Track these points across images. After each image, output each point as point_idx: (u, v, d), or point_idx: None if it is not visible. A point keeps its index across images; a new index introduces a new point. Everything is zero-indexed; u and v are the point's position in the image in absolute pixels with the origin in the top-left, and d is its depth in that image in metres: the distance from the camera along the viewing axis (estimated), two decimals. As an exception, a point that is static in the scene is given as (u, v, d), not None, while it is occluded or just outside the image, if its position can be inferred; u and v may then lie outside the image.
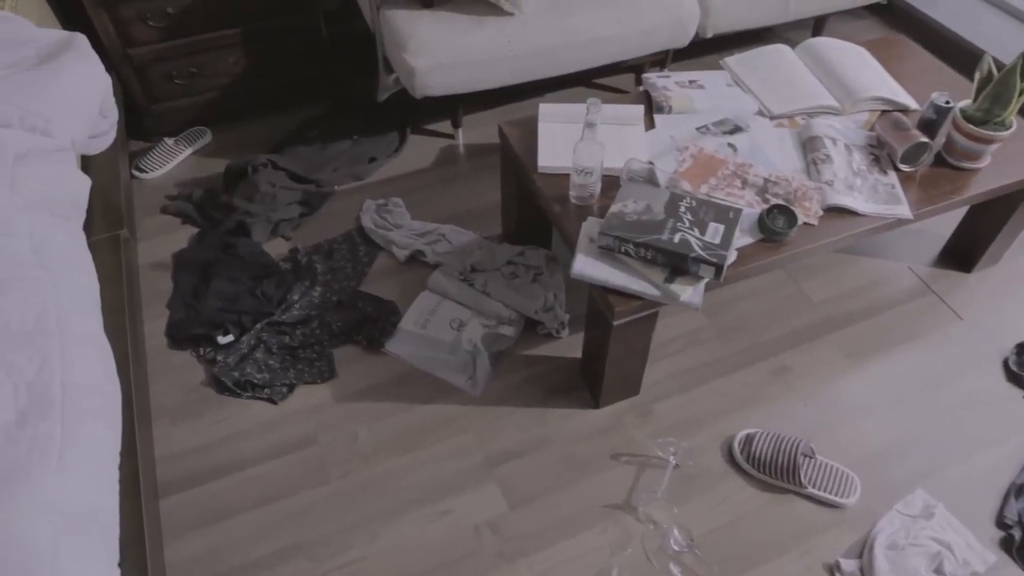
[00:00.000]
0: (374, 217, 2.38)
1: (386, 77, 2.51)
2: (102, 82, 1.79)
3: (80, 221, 1.58)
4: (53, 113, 1.60)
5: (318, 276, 2.21)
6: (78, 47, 1.74)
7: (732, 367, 2.05)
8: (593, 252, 1.68)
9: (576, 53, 2.36)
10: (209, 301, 2.13)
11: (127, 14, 2.40)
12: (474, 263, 2.20)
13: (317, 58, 2.73)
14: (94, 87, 1.74)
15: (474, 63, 2.25)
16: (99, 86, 1.77)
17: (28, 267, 1.35)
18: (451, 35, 2.23)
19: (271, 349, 2.03)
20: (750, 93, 2.14)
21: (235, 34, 2.56)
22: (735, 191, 1.85)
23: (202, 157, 2.67)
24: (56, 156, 1.59)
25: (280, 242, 2.36)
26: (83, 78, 1.70)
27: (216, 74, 2.64)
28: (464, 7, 2.31)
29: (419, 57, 2.20)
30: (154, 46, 2.50)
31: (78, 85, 1.68)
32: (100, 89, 1.77)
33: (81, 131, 1.69)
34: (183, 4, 2.43)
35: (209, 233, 2.35)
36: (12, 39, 1.74)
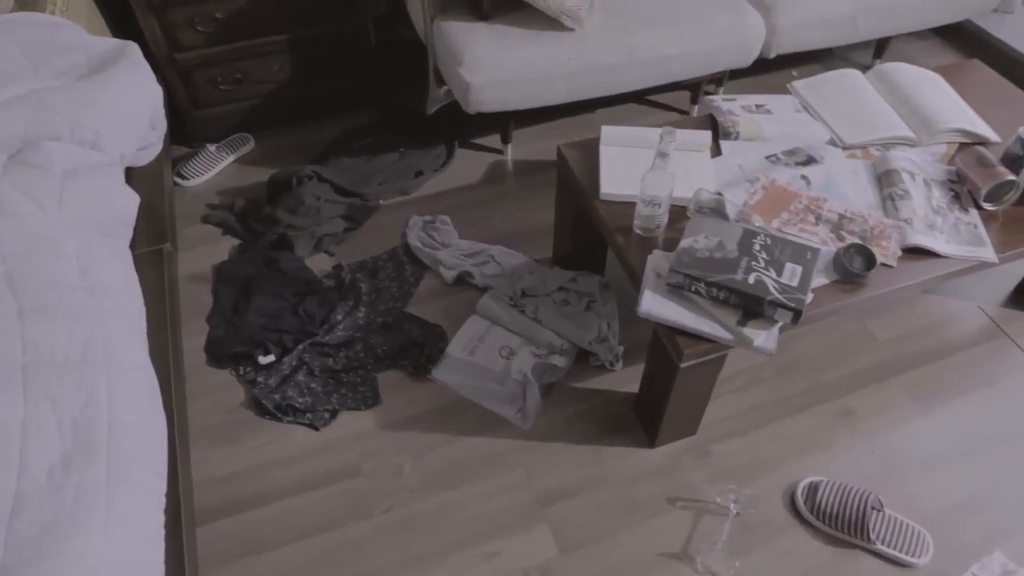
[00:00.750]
0: (420, 235, 2.30)
1: (436, 89, 2.43)
2: (153, 94, 1.72)
3: (127, 239, 1.52)
4: (103, 126, 1.54)
5: (362, 296, 2.14)
6: (130, 57, 1.67)
7: (793, 408, 1.95)
8: (661, 289, 1.59)
9: (637, 72, 2.27)
10: (250, 318, 2.06)
11: (176, 18, 2.34)
12: (525, 288, 2.11)
13: (364, 66, 2.66)
14: (145, 99, 1.67)
15: (531, 80, 2.17)
16: (150, 98, 1.70)
17: (75, 291, 1.28)
18: (508, 50, 2.14)
19: (313, 372, 1.96)
20: (820, 120, 2.04)
21: (282, 40, 2.50)
22: (808, 227, 1.75)
23: (244, 165, 2.61)
24: (105, 171, 1.52)
25: (323, 257, 2.28)
26: (135, 89, 1.63)
27: (261, 80, 2.58)
28: (521, 20, 2.23)
29: (475, 72, 2.12)
30: (201, 51, 2.44)
31: (129, 97, 1.61)
32: (151, 101, 1.70)
33: (130, 144, 1.63)
34: (232, 9, 2.37)
35: (251, 246, 2.28)
36: (63, 46, 1.67)
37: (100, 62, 1.67)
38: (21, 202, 1.35)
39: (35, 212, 1.35)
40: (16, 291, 1.25)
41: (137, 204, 1.55)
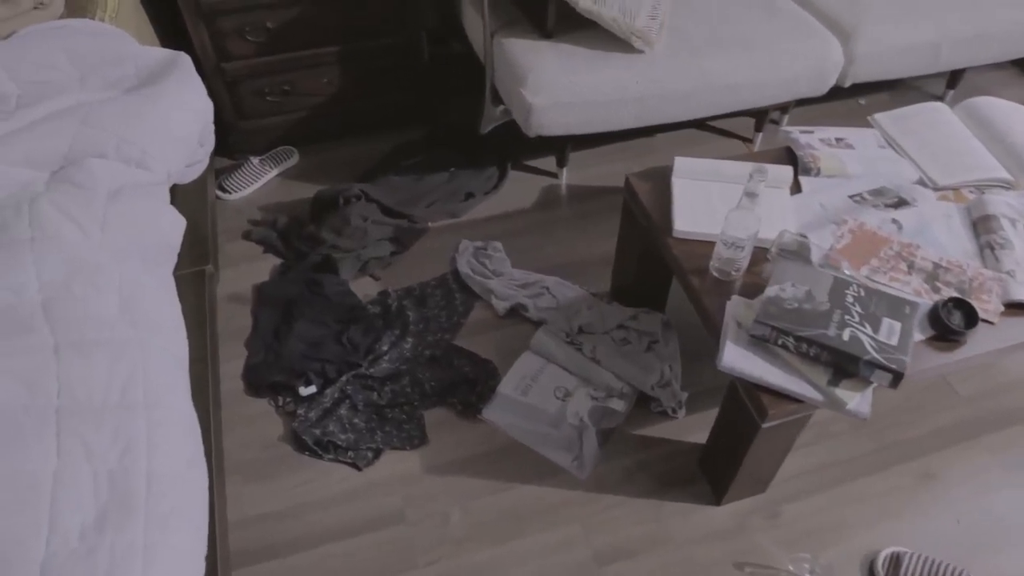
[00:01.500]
0: (471, 262, 2.19)
1: (492, 109, 2.32)
2: (204, 109, 1.62)
3: (171, 267, 1.41)
4: (151, 143, 1.44)
5: (409, 325, 2.02)
6: (182, 69, 1.57)
7: (869, 468, 1.81)
8: (743, 341, 1.46)
9: (708, 98, 2.14)
10: (291, 344, 1.95)
11: (226, 27, 2.25)
12: (582, 324, 1.99)
13: (415, 81, 2.56)
14: (196, 115, 1.57)
15: (596, 103, 2.05)
16: (201, 114, 1.60)
17: (115, 326, 1.18)
18: (574, 72, 2.03)
19: (356, 406, 1.85)
20: (906, 157, 1.90)
21: (333, 52, 2.40)
22: (900, 275, 1.61)
23: (288, 179, 2.51)
24: (151, 192, 1.42)
25: (368, 281, 2.18)
26: (185, 105, 1.53)
27: (309, 93, 2.48)
28: (587, 40, 2.11)
29: (538, 94, 2.00)
30: (249, 61, 2.34)
31: (180, 112, 1.51)
32: (202, 117, 1.60)
33: (178, 163, 1.53)
34: (284, 19, 2.27)
35: (293, 266, 2.18)
36: (112, 55, 1.58)
37: (150, 74, 1.57)
38: (62, 225, 1.25)
39: (77, 236, 1.25)
40: (53, 324, 1.14)
41: (183, 228, 1.44)
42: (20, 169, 1.34)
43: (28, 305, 1.16)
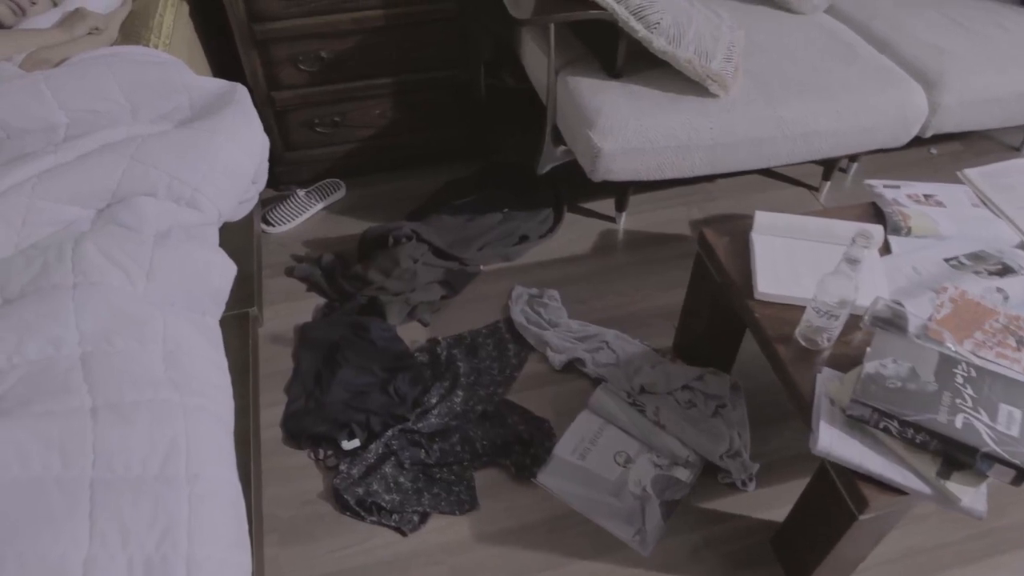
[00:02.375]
0: (525, 310, 2.06)
1: (553, 149, 2.21)
2: (261, 146, 1.52)
3: (218, 316, 1.31)
4: (204, 182, 1.34)
5: (460, 377, 1.90)
6: (239, 103, 1.47)
7: (963, 558, 1.65)
8: (839, 422, 1.32)
9: (783, 147, 2.02)
10: (334, 392, 1.84)
11: (280, 55, 2.17)
12: (644, 383, 1.85)
13: (470, 116, 2.46)
14: (252, 152, 1.47)
15: (668, 149, 1.93)
16: (257, 151, 1.50)
17: (158, 386, 1.07)
18: (646, 115, 1.91)
19: (403, 464, 1.72)
20: (1004, 218, 1.76)
21: (387, 84, 2.31)
22: (1008, 352, 1.47)
23: (334, 214, 2.42)
24: (201, 233, 1.32)
25: (416, 327, 2.06)
26: (241, 141, 1.43)
27: (359, 125, 2.39)
28: (657, 81, 2.00)
29: (608, 138, 1.89)
30: (301, 90, 2.26)
31: (235, 149, 1.41)
32: (257, 154, 1.50)
33: (230, 202, 1.43)
34: (339, 49, 2.19)
35: (337, 307, 2.07)
36: (166, 85, 1.49)
37: (205, 106, 1.48)
38: (107, 271, 1.15)
39: (122, 284, 1.15)
40: (92, 383, 1.03)
41: (233, 275, 1.34)
42: (65, 206, 1.24)
43: (66, 360, 1.05)
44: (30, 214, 1.22)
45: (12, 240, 1.20)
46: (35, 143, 1.38)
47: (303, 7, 2.08)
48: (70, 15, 1.74)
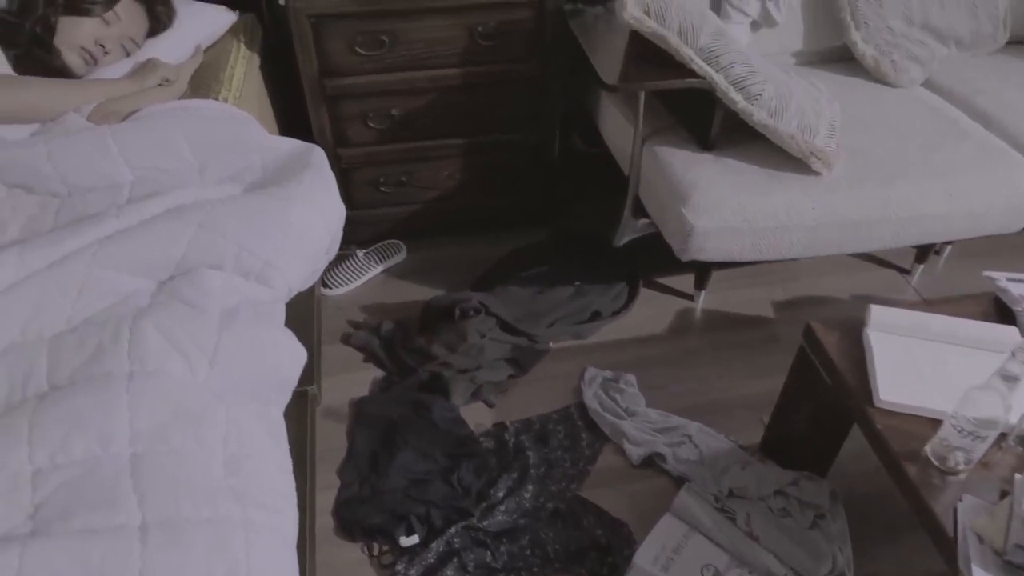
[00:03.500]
0: (599, 395, 1.90)
1: (633, 220, 2.07)
2: (338, 215, 1.39)
3: (283, 407, 1.16)
4: (275, 255, 1.21)
5: (529, 469, 1.74)
6: (316, 167, 1.35)
7: None
8: (995, 567, 1.13)
9: (888, 230, 1.86)
10: (391, 479, 1.68)
11: (349, 111, 2.07)
12: (733, 486, 1.67)
13: (541, 180, 2.34)
14: (329, 224, 1.35)
15: (765, 229, 1.78)
16: (335, 220, 1.38)
17: (218, 497, 0.92)
18: (744, 192, 1.77)
19: (466, 566, 1.55)
20: None
21: (458, 145, 2.20)
22: None
23: (393, 277, 2.29)
24: (268, 314, 1.19)
25: (481, 408, 1.91)
26: (318, 211, 1.31)
27: (426, 186, 2.28)
28: (753, 155, 1.86)
29: (702, 215, 1.74)
30: (368, 148, 2.16)
31: (311, 220, 1.29)
32: (335, 224, 1.38)
33: (301, 276, 1.30)
34: (410, 107, 2.09)
35: (397, 382, 1.92)
36: (237, 144, 1.38)
37: (278, 168, 1.36)
38: (167, 356, 1.01)
39: (182, 372, 1.01)
40: (143, 491, 0.89)
41: (304, 362, 1.20)
42: (125, 276, 1.12)
43: (115, 462, 0.91)
44: (88, 284, 1.09)
45: (65, 313, 1.07)
46: (98, 203, 1.27)
47: (378, 63, 1.99)
48: (141, 65, 1.65)
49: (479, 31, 1.99)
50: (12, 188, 1.37)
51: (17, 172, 1.36)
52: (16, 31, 1.51)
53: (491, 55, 2.04)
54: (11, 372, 0.99)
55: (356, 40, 1.94)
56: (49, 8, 1.54)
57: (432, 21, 1.95)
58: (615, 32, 2.03)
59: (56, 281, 1.08)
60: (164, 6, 1.78)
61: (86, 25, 1.60)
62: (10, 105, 1.42)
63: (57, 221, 1.23)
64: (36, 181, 1.35)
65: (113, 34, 1.65)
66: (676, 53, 1.75)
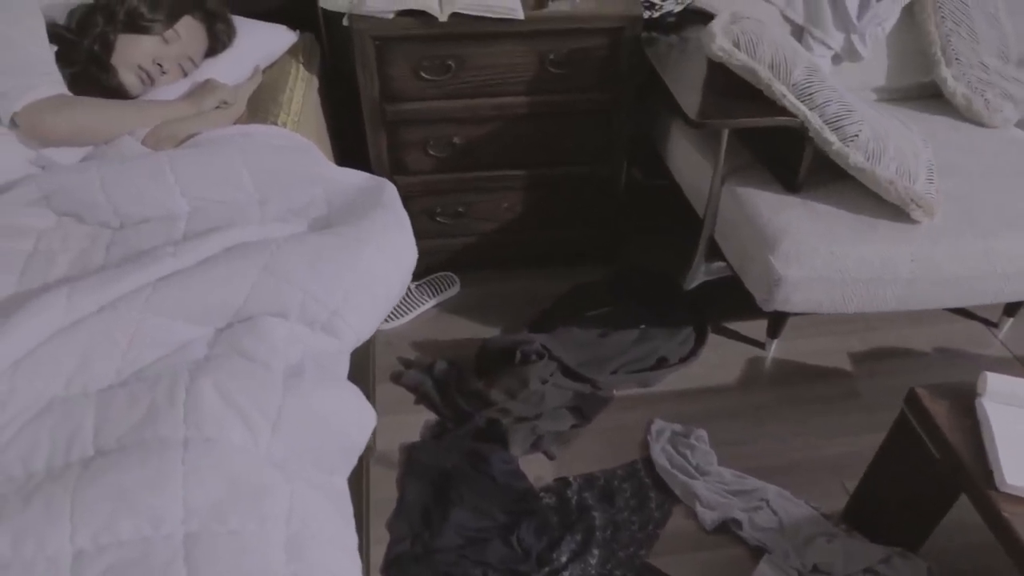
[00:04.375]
0: (668, 450, 1.77)
1: (706, 263, 1.94)
2: (411, 259, 1.28)
3: (347, 475, 1.05)
4: (345, 303, 1.10)
5: (595, 531, 1.61)
6: (389, 206, 1.24)
7: None
8: None
9: (991, 285, 1.72)
10: (446, 537, 1.56)
11: (409, 138, 1.97)
12: (817, 561, 1.53)
13: (605, 215, 2.22)
14: (402, 266, 1.24)
15: (860, 281, 1.65)
16: (408, 265, 1.27)
17: (278, 586, 0.80)
18: (838, 241, 1.64)
19: (526, 640, 1.42)
20: None
21: (520, 176, 2.10)
22: None
23: (446, 312, 2.18)
24: (334, 366, 1.08)
25: (540, 460, 1.78)
26: (391, 255, 1.20)
27: (484, 218, 2.17)
28: (843, 199, 1.73)
29: (792, 265, 1.61)
30: (426, 177, 2.06)
31: (384, 263, 1.18)
32: (408, 269, 1.27)
33: (370, 327, 1.18)
34: (473, 135, 1.99)
35: (451, 428, 1.80)
36: (300, 175, 1.27)
37: (345, 204, 1.25)
38: (227, 422, 0.90)
39: (243, 439, 0.90)
40: (195, 580, 0.77)
41: (373, 427, 1.08)
42: (181, 324, 1.02)
43: (166, 545, 0.80)
44: (140, 332, 0.99)
45: (114, 364, 0.97)
46: (152, 236, 1.17)
47: (442, 89, 1.89)
48: (199, 87, 1.57)
49: (550, 58, 1.88)
50: (62, 216, 1.28)
51: (68, 199, 1.27)
52: (74, 48, 1.43)
53: (561, 83, 1.93)
54: (54, 432, 0.88)
55: (421, 64, 1.84)
56: (108, 25, 1.46)
57: (502, 46, 1.85)
58: (688, 62, 1.92)
59: (106, 328, 0.98)
60: (224, 24, 1.70)
61: (145, 43, 1.52)
62: (65, 126, 1.34)
63: (108, 257, 1.14)
64: (87, 210, 1.26)
65: (172, 53, 1.56)
66: (767, 89, 1.63)
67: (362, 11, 1.76)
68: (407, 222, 1.27)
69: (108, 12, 1.48)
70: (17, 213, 1.25)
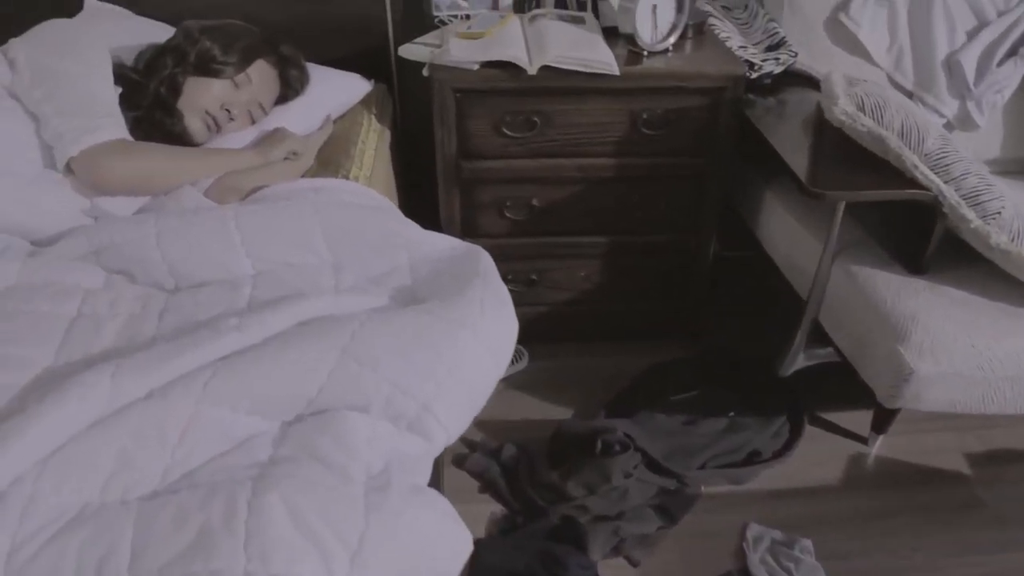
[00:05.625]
0: (768, 562, 1.55)
1: (809, 348, 1.74)
2: (510, 343, 1.11)
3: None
4: (437, 397, 0.92)
5: (689, 659, 1.38)
6: (486, 279, 1.07)
7: None
8: None
9: None
10: (517, 654, 1.34)
11: (485, 198, 1.83)
12: None
13: (690, 288, 2.03)
14: (503, 350, 1.07)
15: (1004, 379, 1.44)
16: (506, 351, 1.09)
17: None
18: (980, 332, 1.43)
19: None
20: None
21: (600, 243, 1.94)
22: None
23: (514, 388, 2.00)
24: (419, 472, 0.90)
25: (622, 565, 1.57)
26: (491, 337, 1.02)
27: (558, 286, 2.01)
28: (976, 283, 1.53)
29: (927, 358, 1.41)
30: (499, 240, 1.90)
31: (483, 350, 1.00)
32: (506, 355, 1.09)
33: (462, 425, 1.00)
34: (554, 198, 1.84)
35: (522, 523, 1.60)
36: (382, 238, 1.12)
37: (433, 275, 1.08)
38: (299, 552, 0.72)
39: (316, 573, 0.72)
40: None
41: (468, 555, 0.90)
42: (242, 416, 0.85)
43: None
44: (194, 424, 0.82)
45: (162, 463, 0.80)
46: (212, 303, 1.01)
47: (525, 147, 1.75)
48: (268, 136, 1.44)
49: (643, 118, 1.73)
50: (112, 274, 1.14)
51: (119, 255, 1.13)
52: (140, 90, 1.31)
53: (652, 145, 1.78)
54: (83, 552, 0.71)
55: (504, 119, 1.70)
56: (178, 67, 1.34)
57: (593, 104, 1.71)
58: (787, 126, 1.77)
59: (154, 419, 0.81)
60: (298, 70, 1.58)
61: (215, 87, 1.40)
62: (123, 173, 1.21)
63: (161, 326, 0.98)
64: (140, 268, 1.12)
65: (241, 99, 1.44)
66: (896, 159, 1.46)
67: (445, 61, 1.64)
68: (508, 299, 1.10)
69: (178, 53, 1.37)
70: (64, 269, 1.11)
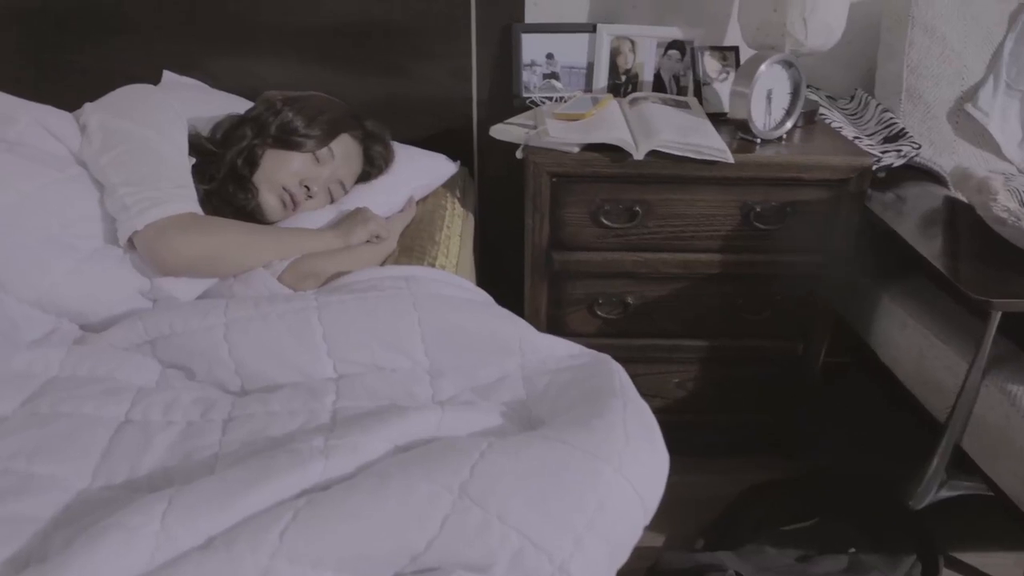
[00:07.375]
0: None
1: (949, 479, 1.50)
2: (660, 482, 0.89)
3: None
4: (575, 553, 0.71)
5: None
6: (624, 398, 0.87)
7: None
8: None
9: None
10: None
11: (575, 293, 1.65)
12: None
13: (795, 400, 1.81)
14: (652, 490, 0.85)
15: None
16: (656, 492, 0.87)
17: None
18: None
19: None
20: None
21: (699, 347, 1.74)
22: None
23: (595, 505, 1.76)
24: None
25: None
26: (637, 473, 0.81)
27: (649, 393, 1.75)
28: None
29: None
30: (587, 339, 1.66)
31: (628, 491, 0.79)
32: (655, 497, 0.87)
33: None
34: (651, 296, 1.65)
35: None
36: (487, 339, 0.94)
37: (552, 388, 0.89)
38: None
39: None
40: None
41: None
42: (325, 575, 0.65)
43: None
44: (264, 587, 0.63)
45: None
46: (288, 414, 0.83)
47: (623, 238, 1.58)
48: (349, 216, 1.29)
49: (756, 211, 1.56)
50: (167, 369, 0.96)
51: (179, 348, 0.96)
52: (215, 162, 1.17)
53: (764, 240, 1.60)
54: None
55: (603, 208, 1.54)
56: (257, 139, 1.20)
57: (701, 193, 1.54)
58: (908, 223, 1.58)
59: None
60: (382, 147, 1.44)
61: (294, 161, 1.26)
62: (191, 251, 1.06)
63: (225, 441, 0.79)
64: (202, 364, 0.95)
65: (322, 175, 1.30)
66: (1068, 264, 1.25)
67: (542, 143, 1.49)
68: (655, 424, 0.89)
69: (259, 124, 1.24)
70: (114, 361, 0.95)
